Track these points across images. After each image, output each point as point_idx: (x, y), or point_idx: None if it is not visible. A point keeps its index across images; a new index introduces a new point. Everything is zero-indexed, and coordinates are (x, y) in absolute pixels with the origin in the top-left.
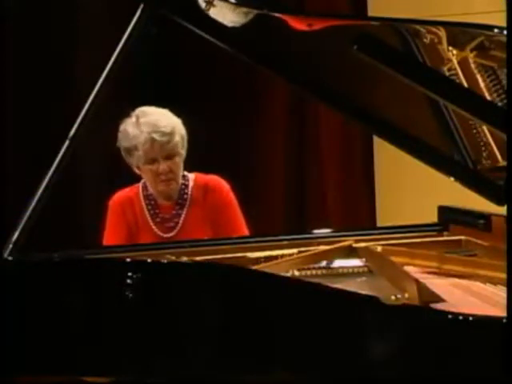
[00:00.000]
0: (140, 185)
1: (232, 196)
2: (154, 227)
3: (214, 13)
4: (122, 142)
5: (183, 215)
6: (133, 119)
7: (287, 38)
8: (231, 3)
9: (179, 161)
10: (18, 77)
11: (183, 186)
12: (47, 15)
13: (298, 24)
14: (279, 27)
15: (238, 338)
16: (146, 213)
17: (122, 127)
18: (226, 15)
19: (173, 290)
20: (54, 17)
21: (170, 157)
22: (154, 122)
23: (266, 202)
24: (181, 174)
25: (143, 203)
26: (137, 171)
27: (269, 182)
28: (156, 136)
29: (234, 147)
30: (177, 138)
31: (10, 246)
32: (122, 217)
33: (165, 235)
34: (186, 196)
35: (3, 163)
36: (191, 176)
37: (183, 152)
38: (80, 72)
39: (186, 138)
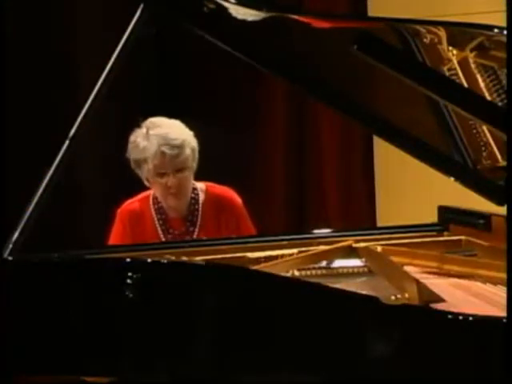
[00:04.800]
0: (151, 196)
1: (245, 211)
2: None
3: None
4: (132, 154)
5: (195, 233)
6: (143, 130)
7: (287, 38)
8: (231, 3)
9: (189, 174)
10: (18, 77)
11: (193, 201)
12: (47, 15)
13: (298, 24)
14: (279, 27)
15: (238, 338)
16: (158, 228)
17: (131, 138)
18: (228, 15)
19: (173, 289)
20: (54, 17)
21: (179, 170)
22: (164, 135)
23: (266, 202)
24: (191, 187)
25: (155, 217)
26: (146, 183)
27: (269, 182)
28: (166, 149)
29: (233, 147)
30: (187, 152)
31: (10, 245)
32: (129, 229)
33: None
34: (196, 213)
35: (3, 163)
36: (201, 187)
37: (194, 165)
38: (80, 72)
39: (197, 150)
